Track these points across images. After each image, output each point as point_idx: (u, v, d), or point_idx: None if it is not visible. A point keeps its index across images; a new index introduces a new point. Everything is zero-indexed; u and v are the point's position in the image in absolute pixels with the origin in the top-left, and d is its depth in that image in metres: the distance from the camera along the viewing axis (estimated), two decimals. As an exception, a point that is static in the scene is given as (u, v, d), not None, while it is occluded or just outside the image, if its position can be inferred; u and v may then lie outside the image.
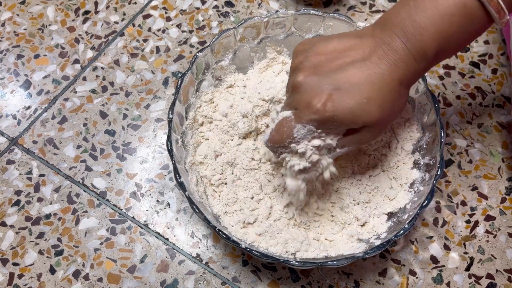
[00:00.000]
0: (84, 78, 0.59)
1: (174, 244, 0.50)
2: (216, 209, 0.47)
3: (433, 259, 0.49)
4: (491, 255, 0.49)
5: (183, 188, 0.42)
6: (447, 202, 0.52)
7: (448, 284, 0.48)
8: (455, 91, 0.58)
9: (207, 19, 0.62)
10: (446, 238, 0.50)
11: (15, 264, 0.49)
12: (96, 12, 0.63)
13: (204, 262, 0.49)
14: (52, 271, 0.49)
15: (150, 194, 0.52)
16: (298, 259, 0.42)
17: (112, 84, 0.58)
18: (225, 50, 0.50)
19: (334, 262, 0.40)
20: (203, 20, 0.62)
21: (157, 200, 0.52)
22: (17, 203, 0.52)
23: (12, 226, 0.51)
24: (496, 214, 0.51)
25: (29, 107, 0.57)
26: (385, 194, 0.47)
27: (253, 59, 0.53)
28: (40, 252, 0.50)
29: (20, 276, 0.49)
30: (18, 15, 0.63)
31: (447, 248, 0.49)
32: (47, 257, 0.49)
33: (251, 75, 0.53)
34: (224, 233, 0.41)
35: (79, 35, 0.62)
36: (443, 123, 0.50)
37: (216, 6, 0.63)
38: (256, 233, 0.45)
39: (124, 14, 0.63)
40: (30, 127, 0.56)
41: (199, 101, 0.50)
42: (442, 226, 0.50)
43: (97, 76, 0.59)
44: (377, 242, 0.43)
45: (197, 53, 0.48)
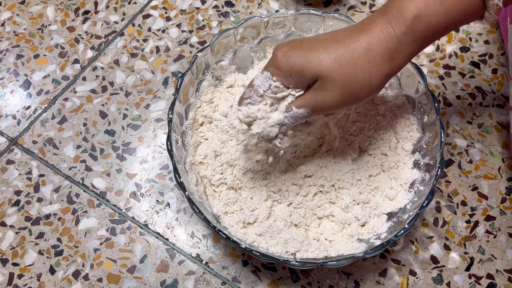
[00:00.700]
0: (84, 78, 0.59)
1: (174, 244, 0.50)
2: (216, 209, 0.47)
3: (433, 259, 0.49)
4: (491, 255, 0.49)
5: (183, 188, 0.42)
6: (447, 202, 0.52)
7: (448, 284, 0.48)
8: (455, 91, 0.58)
9: (207, 19, 0.62)
10: (446, 238, 0.50)
11: (15, 264, 0.49)
12: (96, 12, 0.63)
13: (204, 262, 0.49)
14: (52, 271, 0.49)
15: (150, 194, 0.52)
16: (298, 259, 0.42)
17: (112, 84, 0.58)
18: (225, 50, 0.50)
19: (334, 262, 0.40)
20: (203, 20, 0.62)
21: (157, 200, 0.52)
22: (17, 203, 0.52)
23: (12, 226, 0.51)
24: (496, 214, 0.51)
25: (29, 107, 0.57)
26: (385, 194, 0.47)
27: (253, 59, 0.53)
28: (40, 252, 0.50)
29: (20, 276, 0.49)
30: (18, 15, 0.63)
31: (447, 248, 0.49)
32: (47, 257, 0.49)
33: (251, 75, 0.53)
34: (224, 233, 0.41)
35: (79, 35, 0.62)
36: (443, 123, 0.50)
37: (216, 6, 0.63)
38: (256, 233, 0.45)
39: (124, 14, 0.63)
40: (30, 127, 0.56)
41: (199, 101, 0.50)
42: (442, 226, 0.50)
43: (97, 76, 0.59)
44: (377, 242, 0.43)
45: (197, 53, 0.48)
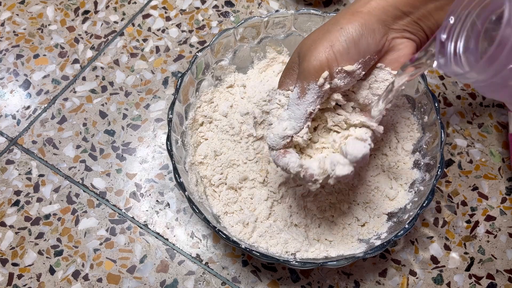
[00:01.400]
0: (84, 78, 0.59)
1: (174, 244, 0.50)
2: (216, 209, 0.47)
3: (434, 259, 0.49)
4: (492, 255, 0.49)
5: (183, 188, 0.42)
6: (448, 202, 0.52)
7: (449, 284, 0.48)
8: (456, 91, 0.58)
9: (207, 19, 0.62)
10: (447, 238, 0.50)
11: (15, 264, 0.49)
12: (96, 12, 0.63)
13: (204, 263, 0.49)
14: (52, 271, 0.49)
15: (150, 194, 0.52)
16: (298, 260, 0.42)
17: (112, 84, 0.58)
18: (225, 50, 0.50)
19: (334, 263, 0.40)
20: (203, 20, 0.62)
21: (157, 200, 0.52)
22: (17, 203, 0.52)
23: (12, 226, 0.51)
24: (497, 214, 0.51)
25: (29, 107, 0.57)
26: (385, 194, 0.47)
27: (253, 59, 0.53)
28: (40, 252, 0.50)
29: (20, 277, 0.49)
30: (18, 15, 0.63)
31: (448, 248, 0.49)
32: (47, 257, 0.49)
33: (251, 75, 0.53)
34: (224, 233, 0.41)
35: (79, 35, 0.61)
36: (443, 123, 0.50)
37: (216, 6, 0.63)
38: (256, 233, 0.45)
39: (124, 14, 0.63)
40: (30, 127, 0.56)
41: (199, 101, 0.50)
42: (443, 226, 0.50)
43: (97, 76, 0.59)
44: (377, 242, 0.43)
45: (197, 53, 0.48)
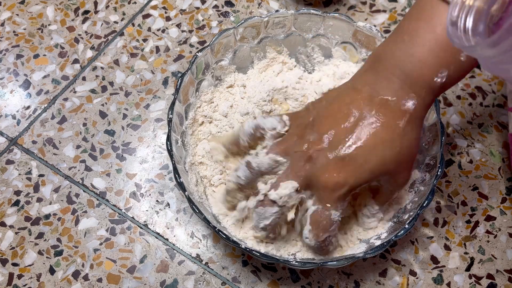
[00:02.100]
0: (84, 78, 0.59)
1: (174, 244, 0.50)
2: (216, 209, 0.47)
3: (434, 259, 0.49)
4: (492, 255, 0.49)
5: (183, 188, 0.42)
6: (448, 202, 0.52)
7: (449, 285, 0.48)
8: (456, 91, 0.57)
9: (207, 19, 0.62)
10: (447, 238, 0.50)
11: (15, 265, 0.49)
12: (96, 12, 0.63)
13: (204, 263, 0.49)
14: (52, 272, 0.49)
15: (150, 194, 0.52)
16: (298, 259, 0.42)
17: (112, 84, 0.58)
18: (225, 50, 0.50)
19: (334, 262, 0.40)
20: (203, 20, 0.62)
21: (157, 200, 0.52)
22: (17, 203, 0.52)
23: (12, 226, 0.51)
24: (497, 214, 0.51)
25: (29, 107, 0.57)
26: (385, 194, 0.47)
27: (253, 59, 0.53)
28: (40, 253, 0.50)
29: (20, 277, 0.49)
30: (18, 15, 0.63)
31: (448, 248, 0.49)
32: (47, 257, 0.49)
33: (251, 75, 0.53)
34: (224, 233, 0.41)
35: (79, 35, 0.61)
36: (444, 123, 0.50)
37: (216, 6, 0.63)
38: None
39: (124, 14, 0.63)
40: (30, 127, 0.56)
41: (199, 101, 0.50)
42: (443, 226, 0.50)
43: (97, 76, 0.59)
44: (378, 242, 0.43)
45: (197, 53, 0.48)
